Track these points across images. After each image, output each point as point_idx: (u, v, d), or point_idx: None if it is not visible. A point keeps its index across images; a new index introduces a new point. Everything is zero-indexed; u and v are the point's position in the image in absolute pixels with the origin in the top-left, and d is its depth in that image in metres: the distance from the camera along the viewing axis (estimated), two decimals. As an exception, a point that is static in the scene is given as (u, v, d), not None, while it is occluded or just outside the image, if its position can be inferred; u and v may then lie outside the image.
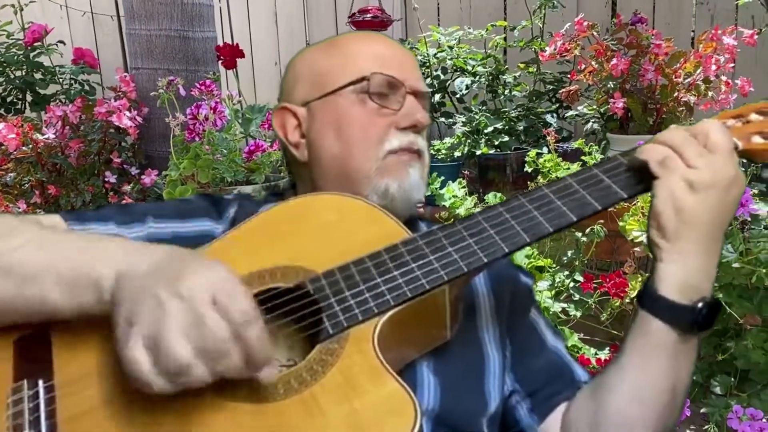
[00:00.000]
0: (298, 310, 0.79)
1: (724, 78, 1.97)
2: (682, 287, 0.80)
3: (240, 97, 1.95)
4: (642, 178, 0.82)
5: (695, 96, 1.96)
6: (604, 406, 0.87)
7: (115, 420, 0.70)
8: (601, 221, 1.71)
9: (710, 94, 1.95)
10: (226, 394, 0.71)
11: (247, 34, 3.58)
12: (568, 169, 1.77)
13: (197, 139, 1.62)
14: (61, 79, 2.77)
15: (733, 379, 1.54)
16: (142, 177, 1.95)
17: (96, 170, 2.21)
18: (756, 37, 2.03)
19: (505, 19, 2.99)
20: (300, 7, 3.58)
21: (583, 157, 1.77)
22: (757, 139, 0.88)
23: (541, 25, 2.56)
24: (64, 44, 3.03)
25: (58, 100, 2.70)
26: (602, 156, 1.87)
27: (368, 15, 2.56)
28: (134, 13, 2.28)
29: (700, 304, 0.79)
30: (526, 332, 1.01)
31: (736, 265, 1.44)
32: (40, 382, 0.73)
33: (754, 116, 0.91)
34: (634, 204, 1.67)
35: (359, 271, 0.81)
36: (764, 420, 1.28)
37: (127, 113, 2.03)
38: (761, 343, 1.46)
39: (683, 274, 0.80)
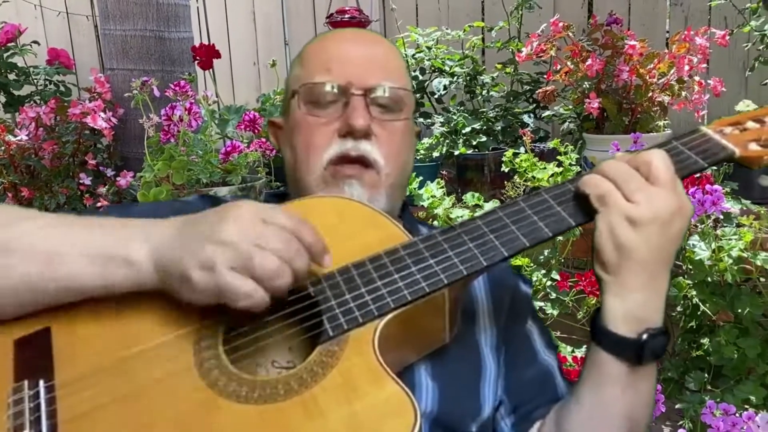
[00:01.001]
0: (299, 312, 0.80)
1: (697, 78, 1.99)
2: (625, 320, 0.80)
3: (216, 97, 1.94)
4: (588, 206, 0.83)
5: (669, 96, 1.99)
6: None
7: (115, 420, 0.70)
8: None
9: (684, 94, 1.98)
10: (227, 394, 0.72)
11: (225, 34, 3.55)
12: (544, 168, 1.78)
13: (172, 140, 1.60)
14: (35, 80, 2.73)
15: (707, 375, 1.56)
16: (118, 179, 1.93)
17: (71, 172, 2.18)
18: (728, 37, 2.05)
19: (483, 20, 3.00)
20: (278, 7, 3.56)
21: (559, 157, 1.78)
22: (754, 147, 0.89)
23: (518, 26, 2.57)
24: (39, 44, 2.99)
25: (32, 101, 2.66)
26: (577, 156, 1.88)
27: (346, 15, 2.55)
28: (108, 13, 2.25)
29: (644, 336, 0.80)
30: (520, 342, 1.02)
31: (708, 262, 1.46)
32: (41, 382, 0.73)
33: (750, 124, 0.93)
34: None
35: (360, 273, 0.82)
36: (737, 415, 1.30)
37: (102, 114, 2.01)
38: (734, 339, 1.48)
39: (626, 307, 0.80)
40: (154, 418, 0.70)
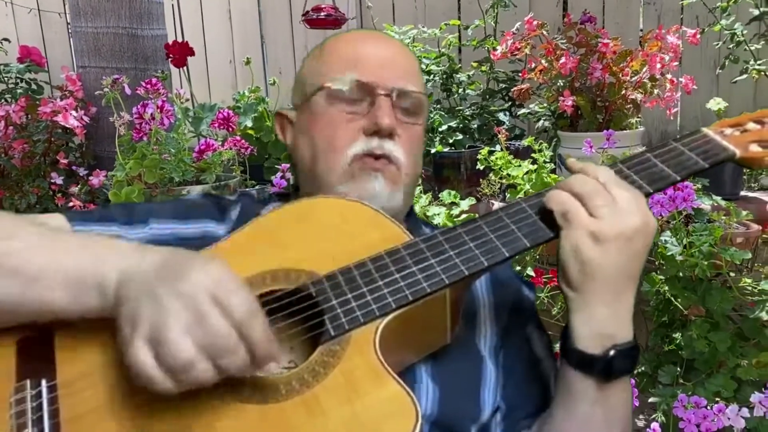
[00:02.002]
0: (300, 312, 0.80)
1: (669, 76, 2.02)
2: (590, 336, 0.80)
3: (189, 95, 1.92)
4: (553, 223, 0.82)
5: (642, 94, 2.01)
6: None
7: (117, 420, 0.70)
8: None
9: (656, 91, 2.00)
10: (228, 394, 0.71)
11: (200, 32, 3.52)
12: (519, 166, 1.80)
13: (145, 138, 1.58)
14: (6, 78, 2.68)
15: (679, 368, 1.58)
16: (90, 178, 1.90)
17: (42, 171, 2.15)
18: (699, 36, 2.08)
19: (459, 19, 3.01)
20: (254, 5, 3.54)
21: (533, 155, 1.79)
22: (755, 148, 0.89)
23: (494, 25, 2.59)
24: (9, 42, 2.94)
25: (3, 100, 2.62)
26: (552, 153, 1.90)
27: (322, 13, 2.55)
28: (80, 10, 2.22)
29: (611, 352, 0.79)
30: (519, 347, 1.00)
31: (680, 257, 1.48)
32: (43, 382, 0.73)
33: (751, 125, 0.93)
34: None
35: (361, 273, 0.81)
36: (708, 407, 1.32)
37: (74, 113, 1.98)
38: (705, 333, 1.49)
39: (591, 323, 0.80)
40: (155, 418, 0.70)
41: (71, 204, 1.97)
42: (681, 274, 1.50)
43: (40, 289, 0.73)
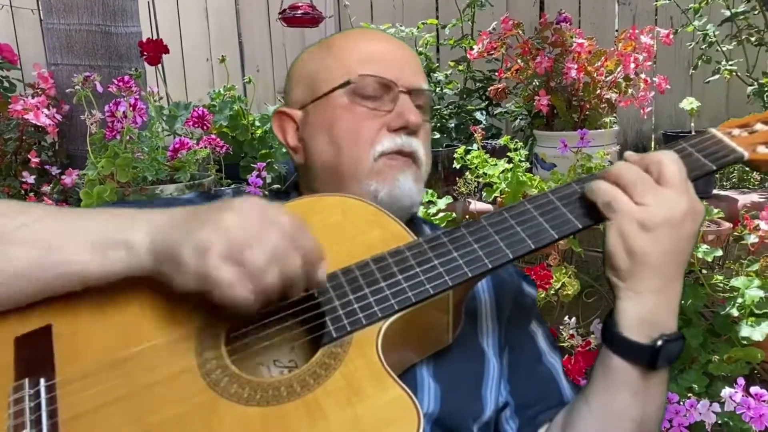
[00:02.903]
0: (302, 313, 0.79)
1: (643, 76, 2.04)
2: (639, 325, 0.79)
3: (163, 93, 1.90)
4: (595, 208, 0.81)
5: (616, 93, 2.03)
6: None
7: (117, 420, 0.70)
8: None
9: (630, 91, 2.02)
10: (229, 395, 0.71)
11: (176, 29, 3.49)
12: (495, 165, 1.80)
13: (118, 137, 1.56)
14: (-23, 76, 2.62)
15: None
16: (63, 177, 1.86)
17: (13, 171, 2.10)
18: (672, 37, 2.11)
19: (437, 18, 3.01)
20: (231, 3, 3.52)
21: (509, 154, 1.80)
22: (763, 149, 0.88)
23: (471, 24, 2.59)
24: (-20, 39, 2.88)
25: (-27, 98, 2.56)
26: (527, 152, 1.90)
27: (299, 11, 2.53)
28: (52, 7, 2.18)
29: (659, 342, 0.78)
30: (524, 343, 1.01)
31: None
32: (42, 381, 0.72)
33: (759, 126, 0.92)
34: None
35: (363, 274, 0.81)
36: (680, 403, 1.34)
37: (46, 111, 1.94)
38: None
39: (639, 312, 0.79)
40: (155, 419, 0.70)
41: (43, 203, 1.94)
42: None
43: (64, 253, 0.74)
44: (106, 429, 0.69)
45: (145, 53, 2.01)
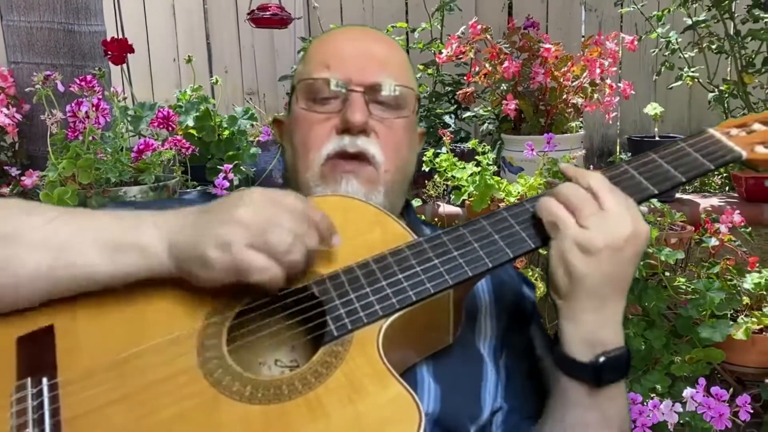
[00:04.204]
0: (303, 312, 0.80)
1: (608, 81, 2.07)
2: (580, 344, 0.80)
3: (126, 93, 1.86)
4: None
5: (582, 98, 2.06)
6: None
7: (119, 419, 0.70)
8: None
9: (596, 96, 2.05)
10: (231, 394, 0.71)
11: (143, 29, 3.43)
12: (464, 168, 1.81)
13: (80, 138, 1.53)
14: (-67, 74, 2.54)
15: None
16: (23, 178, 1.82)
17: (-30, 172, 2.05)
18: (637, 43, 2.15)
19: (406, 21, 3.02)
20: (199, 3, 3.47)
21: (477, 157, 1.81)
22: (761, 149, 0.88)
23: (440, 28, 2.61)
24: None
25: (-71, 97, 2.48)
26: (495, 156, 1.92)
27: (268, 12, 2.51)
28: (12, 4, 2.12)
29: (601, 359, 0.79)
30: (521, 347, 1.00)
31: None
32: (44, 380, 0.72)
33: (757, 126, 0.92)
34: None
35: (364, 274, 0.81)
36: (643, 403, 1.35)
37: (5, 110, 1.89)
38: (641, 331, 1.53)
39: (579, 331, 0.80)
40: (157, 418, 0.70)
41: (2, 205, 1.88)
42: (618, 274, 1.53)
43: (74, 255, 0.74)
44: (108, 428, 0.70)
45: (109, 52, 1.97)
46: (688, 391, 1.29)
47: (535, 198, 0.87)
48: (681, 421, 1.34)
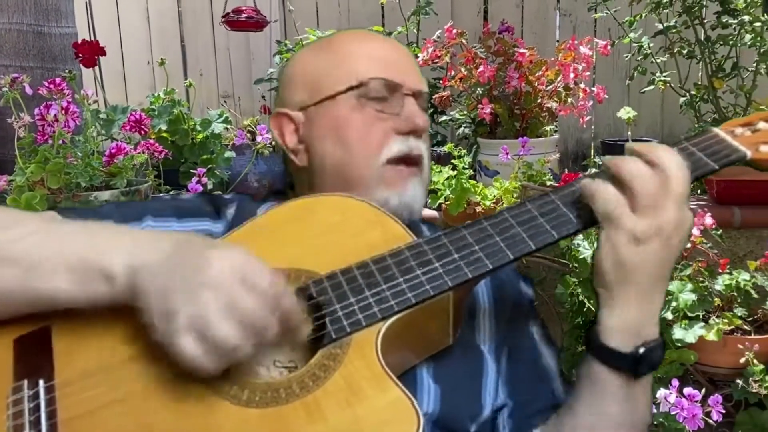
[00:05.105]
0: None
1: (582, 85, 2.09)
2: (621, 334, 0.80)
3: (97, 96, 1.83)
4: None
5: (557, 102, 2.07)
6: None
7: (116, 421, 0.69)
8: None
9: (570, 100, 2.07)
10: (229, 397, 0.71)
11: (116, 31, 3.39)
12: (440, 172, 1.81)
13: (49, 141, 1.50)
14: None
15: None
16: (-10, 183, 1.78)
17: (-65, 176, 2.00)
18: (610, 48, 2.17)
19: (382, 25, 3.02)
20: (173, 5, 3.44)
21: (453, 161, 1.81)
22: (766, 148, 0.86)
23: (416, 31, 2.61)
24: None
25: None
26: (471, 160, 1.92)
27: (243, 15, 2.50)
28: (-21, 5, 2.09)
29: (641, 350, 0.79)
30: (522, 345, 1.00)
31: (591, 261, 1.52)
32: (41, 382, 0.71)
33: (762, 125, 0.90)
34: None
35: (363, 275, 0.80)
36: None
37: (-28, 113, 1.85)
38: (615, 333, 1.54)
39: (622, 321, 0.79)
40: (154, 420, 0.70)
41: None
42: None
43: (42, 276, 0.73)
44: (105, 430, 0.70)
45: (80, 55, 1.94)
46: (661, 392, 1.30)
47: (535, 198, 0.87)
48: (655, 422, 1.36)
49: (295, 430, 0.69)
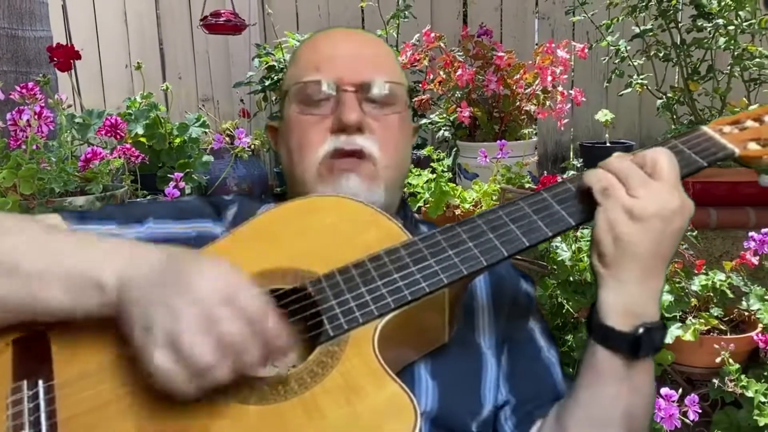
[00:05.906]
0: (298, 312, 0.79)
1: (560, 88, 2.11)
2: (621, 314, 0.80)
3: (73, 100, 1.81)
4: (589, 203, 0.83)
5: (535, 105, 2.09)
6: (566, 430, 0.87)
7: (115, 420, 0.69)
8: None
9: (548, 103, 2.08)
10: (227, 395, 0.70)
11: (93, 34, 3.35)
12: (419, 174, 1.82)
13: (22, 147, 1.48)
14: None
15: (571, 369, 1.63)
16: (-37, 189, 1.74)
17: None
18: (588, 51, 2.19)
19: (362, 28, 3.02)
20: (152, 8, 3.41)
21: (433, 164, 1.82)
22: (753, 146, 0.89)
23: (396, 35, 2.61)
24: None
25: None
26: (450, 163, 1.93)
27: (221, 18, 2.48)
28: (-49, 8, 2.06)
29: (640, 330, 0.80)
30: (523, 340, 1.01)
31: (569, 263, 1.53)
32: (40, 383, 0.72)
33: (750, 123, 0.92)
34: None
35: (359, 273, 0.81)
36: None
37: (-56, 118, 1.82)
38: (593, 334, 1.55)
39: (621, 301, 0.80)
40: (153, 418, 0.69)
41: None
42: (571, 278, 1.55)
43: (38, 288, 0.73)
44: (104, 429, 0.70)
45: (55, 59, 1.92)
46: (638, 393, 1.31)
47: (528, 196, 0.88)
48: (633, 423, 1.37)
49: (293, 427, 0.69)
